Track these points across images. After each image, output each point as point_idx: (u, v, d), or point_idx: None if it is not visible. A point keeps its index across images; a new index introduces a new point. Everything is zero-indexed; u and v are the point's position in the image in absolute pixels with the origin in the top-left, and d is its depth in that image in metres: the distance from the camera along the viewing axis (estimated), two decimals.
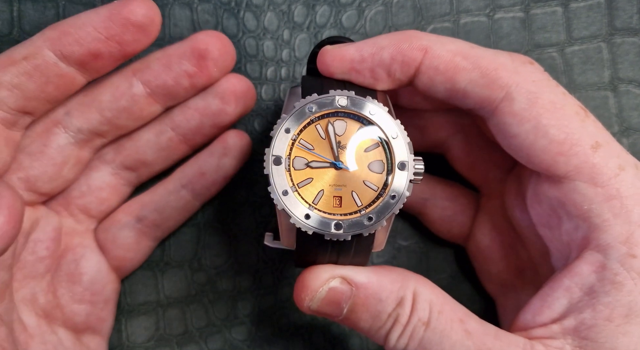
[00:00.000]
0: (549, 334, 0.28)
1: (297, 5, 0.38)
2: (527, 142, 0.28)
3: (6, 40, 0.36)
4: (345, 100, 0.28)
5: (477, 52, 0.28)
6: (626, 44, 0.38)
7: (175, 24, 0.37)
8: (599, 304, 0.27)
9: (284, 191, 0.27)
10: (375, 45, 0.29)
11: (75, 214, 0.35)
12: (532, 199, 0.31)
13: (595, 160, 0.27)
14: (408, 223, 0.39)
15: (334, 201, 0.28)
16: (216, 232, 0.38)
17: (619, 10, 0.38)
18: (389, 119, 0.28)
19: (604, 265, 0.27)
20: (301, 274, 0.29)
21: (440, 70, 0.28)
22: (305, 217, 0.27)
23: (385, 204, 0.27)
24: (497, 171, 0.35)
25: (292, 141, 0.28)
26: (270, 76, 0.38)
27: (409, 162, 0.28)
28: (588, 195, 0.27)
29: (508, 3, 0.38)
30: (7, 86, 0.29)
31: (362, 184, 0.28)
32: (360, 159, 0.28)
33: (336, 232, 0.27)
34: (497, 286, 0.36)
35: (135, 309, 0.38)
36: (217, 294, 0.38)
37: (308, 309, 0.29)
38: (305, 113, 0.27)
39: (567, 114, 0.28)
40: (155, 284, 0.38)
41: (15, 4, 0.36)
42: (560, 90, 0.28)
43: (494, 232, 0.35)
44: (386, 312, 0.28)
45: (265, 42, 0.38)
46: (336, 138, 0.28)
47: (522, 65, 0.28)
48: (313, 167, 0.28)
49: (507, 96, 0.28)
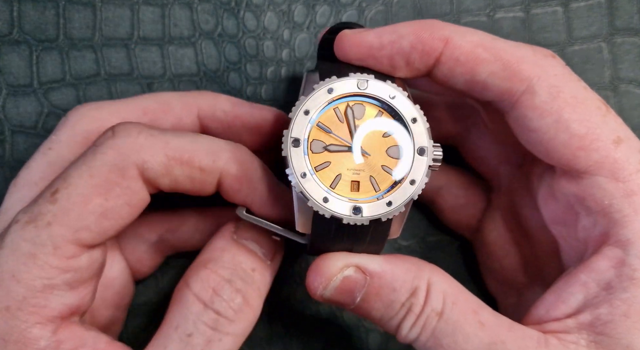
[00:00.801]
0: (564, 328, 0.27)
1: (297, 5, 0.38)
2: (548, 136, 0.27)
3: (6, 40, 0.36)
4: (365, 83, 0.27)
5: (499, 44, 0.28)
6: (626, 44, 0.38)
7: (175, 24, 0.37)
8: (616, 299, 0.26)
9: (303, 174, 0.27)
10: (395, 32, 0.28)
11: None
12: (546, 195, 0.31)
13: (617, 155, 0.27)
14: (409, 223, 0.39)
15: (352, 186, 0.27)
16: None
17: (619, 10, 0.38)
18: (409, 103, 0.27)
19: (622, 261, 0.26)
20: (315, 261, 0.28)
21: (461, 62, 0.28)
22: (323, 201, 0.27)
23: (404, 189, 0.27)
24: (508, 166, 0.35)
25: (310, 124, 0.27)
26: (270, 76, 0.38)
27: (428, 148, 0.27)
28: (609, 190, 0.27)
29: (508, 3, 0.38)
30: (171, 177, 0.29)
31: (380, 169, 0.27)
32: (379, 143, 0.27)
33: (354, 216, 0.27)
34: (499, 283, 0.36)
35: (135, 309, 0.38)
36: None
37: (321, 297, 0.28)
38: (324, 95, 0.27)
39: (589, 108, 0.27)
40: (156, 284, 0.38)
41: (15, 4, 0.36)
42: (582, 84, 0.28)
43: (502, 227, 0.35)
44: (399, 301, 0.28)
45: (265, 42, 0.38)
46: (355, 121, 0.27)
47: (544, 58, 0.28)
48: (331, 151, 0.27)
49: (529, 89, 0.27)
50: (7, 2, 0.36)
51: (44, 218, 0.27)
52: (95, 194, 0.27)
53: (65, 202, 0.27)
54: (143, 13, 0.37)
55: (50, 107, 0.37)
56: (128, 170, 0.28)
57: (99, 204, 0.27)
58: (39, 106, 0.37)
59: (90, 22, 0.37)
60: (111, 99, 0.36)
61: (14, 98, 0.37)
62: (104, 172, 0.27)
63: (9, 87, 0.37)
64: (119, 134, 0.28)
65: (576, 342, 0.27)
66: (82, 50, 0.37)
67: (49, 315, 0.26)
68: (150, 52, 0.37)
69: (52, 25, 0.37)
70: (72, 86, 0.37)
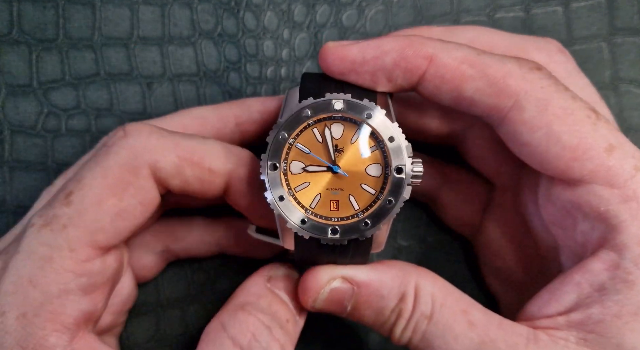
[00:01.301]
0: (554, 325, 0.28)
1: (297, 5, 0.38)
2: (540, 149, 0.28)
3: (6, 40, 0.36)
4: (342, 104, 0.27)
5: (484, 60, 0.28)
6: (627, 44, 0.38)
7: (175, 24, 0.37)
8: (609, 300, 0.27)
9: (280, 196, 0.27)
10: (379, 48, 0.28)
11: None
12: (545, 199, 0.31)
13: (611, 162, 0.27)
14: (408, 224, 0.39)
15: (332, 205, 0.28)
16: None
17: (619, 10, 0.38)
18: (387, 122, 0.27)
19: (617, 265, 0.27)
20: (303, 275, 0.29)
21: (446, 79, 0.28)
22: (301, 223, 0.28)
23: (382, 208, 0.27)
24: (511, 165, 0.35)
25: (288, 146, 0.28)
26: (270, 76, 0.38)
27: (406, 166, 0.27)
28: (604, 197, 0.27)
29: (508, 3, 0.38)
30: (182, 177, 0.29)
31: (360, 188, 0.28)
32: (358, 162, 0.28)
33: (332, 237, 0.27)
34: (501, 282, 0.36)
35: (135, 309, 0.38)
36: (217, 294, 0.38)
37: (312, 308, 0.29)
38: (301, 117, 0.27)
39: (578, 118, 0.27)
40: (155, 284, 0.38)
41: (15, 4, 0.36)
42: (570, 94, 0.28)
43: (504, 225, 0.35)
44: (389, 308, 0.28)
45: (265, 41, 0.38)
46: (333, 141, 0.28)
47: (530, 71, 0.28)
48: (310, 172, 0.28)
49: (516, 104, 0.27)
50: (7, 2, 0.36)
51: (60, 221, 0.27)
52: (109, 194, 0.27)
53: (79, 204, 0.27)
54: (143, 13, 0.37)
55: (50, 107, 0.37)
56: (141, 169, 0.28)
57: (114, 204, 0.27)
58: (39, 106, 0.37)
59: (90, 21, 0.37)
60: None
61: (13, 98, 0.37)
62: (117, 172, 0.27)
63: (8, 87, 0.37)
64: (131, 133, 0.28)
65: (565, 339, 0.27)
66: (82, 50, 0.37)
67: (65, 322, 0.26)
68: (150, 51, 0.37)
69: (51, 25, 0.37)
70: (71, 86, 0.37)
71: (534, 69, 0.28)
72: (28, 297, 0.26)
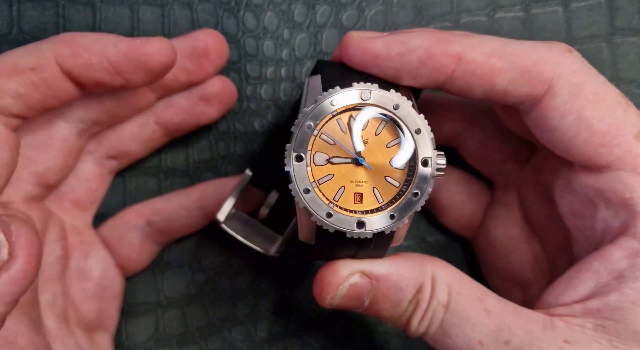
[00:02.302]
0: (570, 312, 0.27)
1: (297, 5, 0.38)
2: (569, 135, 0.27)
3: (6, 40, 0.36)
4: (369, 93, 0.26)
5: (513, 49, 0.27)
6: (627, 44, 0.38)
7: (175, 24, 0.37)
8: (627, 288, 0.26)
9: (306, 189, 0.26)
10: (405, 44, 0.27)
11: (69, 210, 0.35)
12: (563, 188, 0.30)
13: (639, 149, 0.27)
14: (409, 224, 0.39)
15: (355, 198, 0.27)
16: (216, 232, 0.38)
17: (619, 10, 0.38)
18: (413, 113, 0.27)
19: (637, 252, 0.26)
20: (320, 271, 0.29)
21: (477, 75, 0.27)
22: (327, 216, 0.26)
23: (408, 201, 0.27)
24: (513, 163, 0.35)
25: (313, 137, 0.27)
26: (270, 76, 0.38)
27: (432, 158, 0.27)
28: (630, 184, 0.27)
29: (508, 3, 0.38)
30: (12, 94, 0.28)
31: (384, 180, 0.27)
32: (383, 154, 0.27)
33: (358, 230, 0.27)
34: (504, 281, 0.36)
35: (135, 309, 0.38)
36: (217, 294, 0.38)
37: (330, 305, 0.29)
38: (327, 107, 0.26)
39: (610, 104, 0.27)
40: (155, 284, 0.38)
41: (15, 3, 0.36)
42: (602, 79, 0.28)
43: (507, 224, 0.35)
44: (407, 299, 0.28)
45: (265, 41, 0.38)
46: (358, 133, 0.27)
47: (562, 54, 0.27)
48: (334, 163, 0.27)
49: (550, 90, 0.27)
50: (7, 2, 0.36)
51: None
52: None
53: None
54: (143, 13, 0.37)
55: None
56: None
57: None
58: None
59: (90, 21, 0.37)
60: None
61: None
62: None
63: None
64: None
65: (582, 325, 0.27)
66: None
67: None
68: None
69: (51, 25, 0.37)
70: None
71: (565, 51, 0.28)
72: None
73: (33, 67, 0.28)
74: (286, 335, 0.38)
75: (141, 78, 0.30)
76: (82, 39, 0.29)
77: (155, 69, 0.30)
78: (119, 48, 0.29)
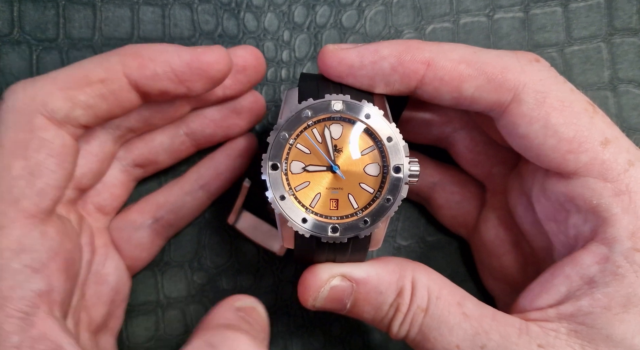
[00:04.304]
0: (545, 317, 0.28)
1: (297, 6, 0.38)
2: (537, 141, 0.28)
3: (6, 40, 0.36)
4: (341, 104, 0.28)
5: (481, 57, 0.28)
6: (625, 44, 0.38)
7: (176, 24, 0.37)
8: (598, 293, 0.27)
9: (281, 196, 0.28)
10: (377, 53, 0.28)
11: (92, 213, 0.35)
12: (539, 193, 0.31)
13: (605, 156, 0.27)
14: (408, 223, 0.39)
15: (331, 204, 0.28)
16: (216, 232, 0.38)
17: (618, 11, 0.38)
18: (385, 122, 0.28)
19: (607, 258, 0.27)
20: (302, 275, 0.29)
21: (446, 81, 0.28)
22: (302, 221, 0.28)
23: (381, 206, 0.28)
24: (501, 167, 0.35)
25: (289, 146, 0.28)
26: (271, 77, 0.38)
27: (404, 165, 0.28)
28: (597, 190, 0.27)
29: (508, 3, 0.38)
30: (83, 106, 0.29)
31: (358, 187, 0.28)
32: (357, 161, 0.28)
33: (332, 235, 0.28)
34: (498, 282, 0.36)
35: (135, 309, 0.38)
36: (217, 293, 0.38)
37: (312, 306, 0.30)
38: (301, 118, 0.28)
39: (576, 111, 0.28)
40: (155, 284, 0.38)
41: (15, 3, 0.36)
42: (568, 87, 0.28)
43: (498, 226, 0.35)
44: (387, 303, 0.29)
45: (265, 43, 0.38)
46: (332, 142, 0.28)
47: (529, 63, 0.28)
48: (310, 171, 0.28)
49: (515, 98, 0.28)
50: (8, 2, 0.36)
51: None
52: (12, 158, 0.26)
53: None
54: (143, 13, 0.37)
55: None
56: (32, 122, 0.27)
57: (22, 167, 0.27)
58: None
59: (90, 22, 0.37)
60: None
61: None
62: (11, 135, 0.27)
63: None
64: (6, 96, 0.28)
65: (556, 330, 0.27)
66: (82, 50, 0.37)
67: (17, 307, 0.25)
68: None
69: (52, 25, 0.37)
70: None
71: (532, 60, 0.29)
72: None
73: (103, 79, 0.29)
74: (286, 334, 0.38)
75: (202, 86, 0.31)
76: (147, 51, 0.29)
77: (215, 76, 0.30)
78: (182, 58, 0.30)
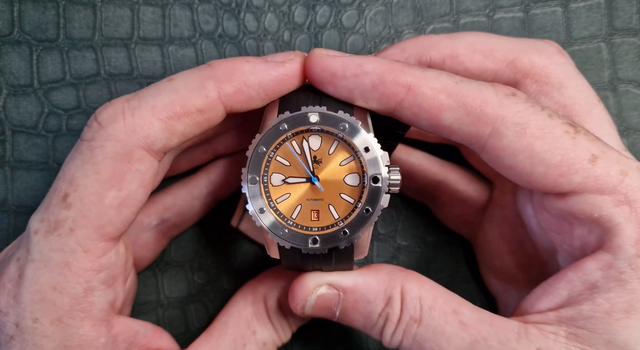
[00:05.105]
0: (544, 320, 0.28)
1: (297, 6, 0.38)
2: (525, 171, 0.28)
3: (7, 40, 0.36)
4: (317, 116, 0.28)
5: (462, 89, 0.28)
6: (626, 44, 0.38)
7: (176, 24, 0.37)
8: (600, 298, 0.27)
9: (261, 209, 0.28)
10: (360, 67, 0.28)
11: None
12: (539, 207, 0.31)
13: (597, 172, 0.27)
14: (408, 223, 0.39)
15: (312, 215, 0.29)
16: (217, 232, 0.38)
17: (618, 11, 0.38)
18: (362, 133, 0.28)
19: (610, 264, 0.27)
20: (292, 283, 0.30)
21: (424, 108, 0.28)
22: (282, 233, 0.28)
23: (360, 216, 0.28)
24: None
25: (268, 158, 0.28)
26: None
27: (382, 175, 0.28)
28: (597, 204, 0.27)
29: (508, 3, 0.38)
30: (179, 135, 0.29)
31: (339, 197, 0.28)
32: (336, 172, 0.28)
33: (313, 246, 0.28)
34: (500, 281, 0.36)
35: (136, 309, 0.38)
36: (218, 293, 0.38)
37: (302, 314, 0.30)
38: (279, 131, 0.28)
39: (557, 135, 0.28)
40: (155, 284, 0.38)
41: (15, 4, 0.36)
42: (546, 113, 0.28)
43: (504, 226, 0.35)
44: (376, 312, 0.29)
45: (265, 43, 0.38)
46: (311, 153, 0.28)
47: (506, 97, 0.28)
48: (290, 183, 0.28)
49: (494, 131, 0.28)
50: (8, 2, 0.36)
51: (64, 225, 0.27)
52: (107, 188, 0.27)
53: (80, 204, 0.27)
54: (143, 13, 0.37)
55: (51, 107, 0.37)
56: (132, 154, 0.28)
57: (114, 196, 0.27)
58: (40, 106, 0.37)
59: (91, 22, 0.37)
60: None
61: (14, 98, 0.37)
62: (109, 165, 0.27)
63: (9, 87, 0.37)
64: (105, 122, 0.28)
65: (555, 333, 0.27)
66: (82, 50, 0.37)
67: (97, 316, 0.28)
68: (151, 52, 0.37)
69: (52, 25, 0.37)
70: (72, 86, 0.37)
71: (509, 94, 0.28)
72: (57, 303, 0.27)
73: (201, 109, 0.28)
74: None
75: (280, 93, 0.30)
76: (241, 74, 0.29)
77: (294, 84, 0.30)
78: (271, 75, 0.29)
